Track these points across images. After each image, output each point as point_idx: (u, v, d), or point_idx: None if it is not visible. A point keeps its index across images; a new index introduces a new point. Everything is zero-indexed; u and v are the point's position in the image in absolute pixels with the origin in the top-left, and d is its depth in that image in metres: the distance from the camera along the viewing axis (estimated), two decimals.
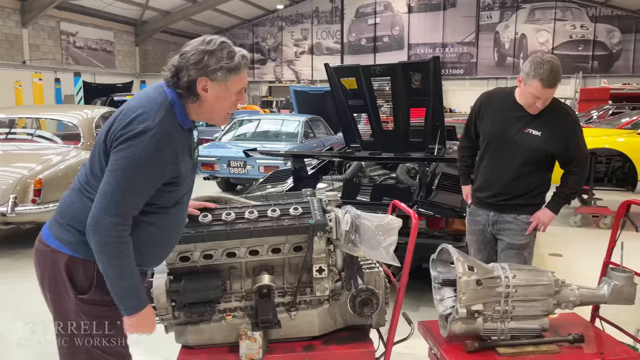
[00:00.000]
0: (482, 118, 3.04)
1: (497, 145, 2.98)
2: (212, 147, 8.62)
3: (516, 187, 2.94)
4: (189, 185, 1.97)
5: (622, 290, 2.60)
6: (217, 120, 1.94)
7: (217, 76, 1.79)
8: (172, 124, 1.78)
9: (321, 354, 2.39)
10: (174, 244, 2.09)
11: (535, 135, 2.85)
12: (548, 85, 2.77)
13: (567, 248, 5.61)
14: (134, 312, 1.84)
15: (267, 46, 29.08)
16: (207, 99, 1.82)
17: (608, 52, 24.10)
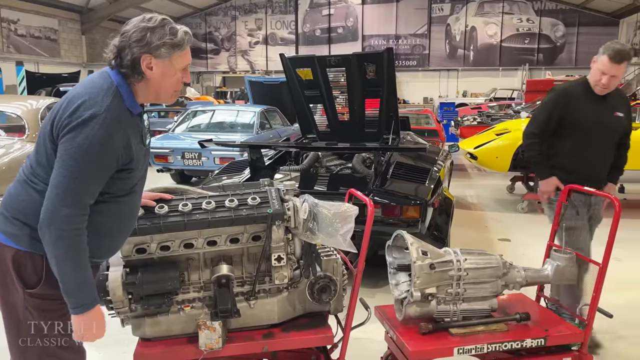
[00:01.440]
0: (569, 111, 3.15)
1: (599, 134, 3.15)
2: (166, 139, 8.45)
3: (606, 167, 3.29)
4: (142, 172, 1.94)
5: (564, 270, 2.75)
6: (164, 99, 1.91)
7: (160, 53, 1.77)
8: (120, 109, 1.74)
9: (280, 341, 2.42)
10: (128, 234, 2.06)
11: (621, 116, 3.15)
12: (615, 61, 2.93)
13: (515, 233, 5.86)
14: (85, 310, 1.78)
15: (220, 36, 28.58)
16: (153, 77, 1.79)
17: (552, 45, 25.06)
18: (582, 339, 2.64)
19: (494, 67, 25.41)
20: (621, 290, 4.05)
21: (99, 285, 2.25)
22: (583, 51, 24.60)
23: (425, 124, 9.82)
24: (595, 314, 2.63)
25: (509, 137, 7.01)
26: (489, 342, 2.51)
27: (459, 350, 2.48)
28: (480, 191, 8.49)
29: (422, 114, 10.42)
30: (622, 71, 2.99)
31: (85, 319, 1.79)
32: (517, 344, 2.53)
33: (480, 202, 7.72)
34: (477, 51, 25.76)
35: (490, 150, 6.93)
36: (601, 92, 3.07)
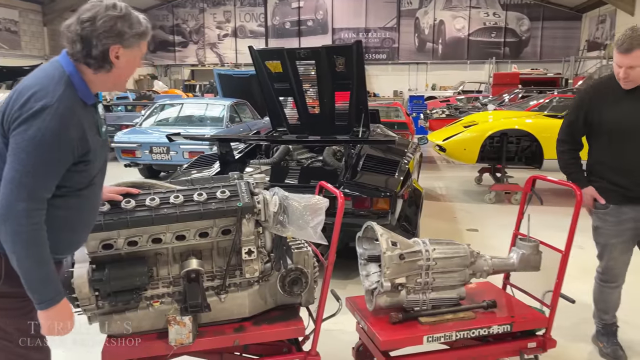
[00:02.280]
0: (597, 111, 2.83)
1: (627, 135, 2.78)
2: (133, 133, 8.29)
3: None
4: (101, 164, 1.89)
5: (529, 258, 2.83)
6: (120, 87, 1.89)
7: (130, 42, 1.74)
8: (73, 99, 1.69)
9: (252, 334, 2.42)
10: (90, 228, 2.01)
11: None
12: (621, 50, 2.63)
13: (483, 223, 5.98)
14: (51, 305, 1.74)
15: (188, 28, 28.12)
16: (118, 67, 1.75)
17: (518, 39, 25.58)
18: (547, 324, 2.72)
19: (462, 60, 25.79)
20: (584, 277, 4.17)
21: (64, 282, 2.20)
22: (547, 45, 25.22)
23: (395, 116, 9.90)
24: (558, 300, 2.71)
25: (477, 130, 7.13)
26: (457, 329, 2.56)
27: (429, 338, 2.53)
28: (449, 183, 8.62)
29: (392, 107, 10.50)
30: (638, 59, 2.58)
31: (52, 314, 1.75)
32: (484, 330, 2.60)
33: (449, 193, 7.85)
34: (446, 45, 26.08)
35: (458, 143, 7.04)
36: (626, 87, 2.73)
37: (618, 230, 2.80)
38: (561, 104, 10.90)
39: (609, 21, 20.96)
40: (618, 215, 2.79)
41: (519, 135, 7.06)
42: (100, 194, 2.01)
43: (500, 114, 9.23)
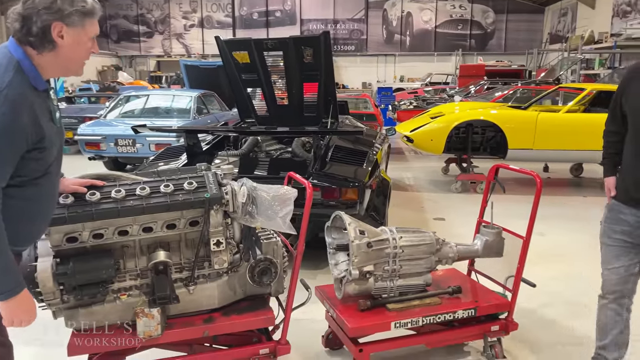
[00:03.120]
0: (630, 94, 2.44)
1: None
2: (97, 125, 8.10)
3: None
4: (56, 152, 1.83)
5: (492, 244, 2.92)
6: (74, 70, 1.82)
7: (73, 20, 1.69)
8: (24, 85, 1.65)
9: (222, 325, 2.43)
10: (48, 218, 1.95)
11: None
12: None
13: (449, 212, 6.10)
14: (11, 296, 1.70)
15: (153, 18, 27.48)
16: (64, 46, 1.70)
17: (483, 32, 25.98)
18: (509, 308, 2.82)
19: (429, 52, 26.06)
20: (544, 263, 4.33)
21: (28, 276, 2.15)
22: (511, 37, 25.72)
23: (363, 108, 9.96)
24: (520, 285, 2.80)
25: (443, 121, 7.25)
26: (423, 315, 2.63)
27: (396, 324, 2.59)
28: (416, 173, 8.75)
29: (361, 99, 10.55)
30: None
31: (12, 305, 1.72)
32: (450, 315, 2.67)
33: (417, 183, 7.97)
34: (413, 37, 26.29)
35: (426, 134, 7.14)
36: None
37: (612, 230, 2.51)
38: (525, 95, 11.19)
39: (570, 14, 21.53)
40: (617, 213, 2.49)
41: (484, 126, 7.21)
42: (57, 184, 1.95)
43: (466, 105, 9.40)
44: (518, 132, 6.88)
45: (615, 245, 2.50)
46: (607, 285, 2.56)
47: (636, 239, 2.44)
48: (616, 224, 2.49)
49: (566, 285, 3.98)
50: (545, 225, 5.09)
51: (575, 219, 5.82)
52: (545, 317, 3.48)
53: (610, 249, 2.52)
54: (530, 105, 7.40)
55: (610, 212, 2.54)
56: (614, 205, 2.51)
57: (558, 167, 8.52)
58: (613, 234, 2.50)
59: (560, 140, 6.86)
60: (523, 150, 6.88)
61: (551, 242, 4.98)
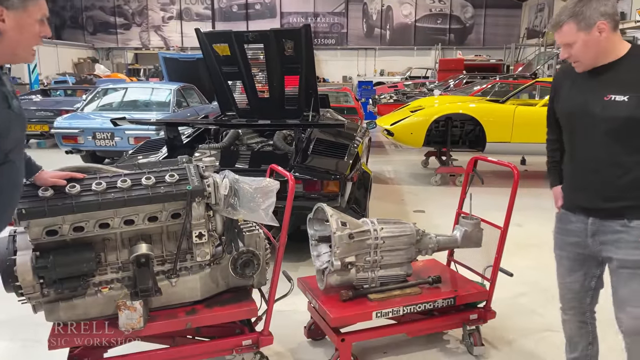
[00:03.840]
0: (558, 97, 2.29)
1: (580, 126, 2.17)
2: (74, 118, 7.96)
3: (620, 179, 2.07)
4: (16, 140, 1.80)
5: (471, 235, 2.98)
6: (23, 56, 1.77)
7: (12, 3, 1.66)
8: None
9: (204, 316, 2.44)
10: (12, 209, 1.91)
11: (620, 101, 2.02)
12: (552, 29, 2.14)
13: (429, 205, 6.18)
14: None
15: (130, 10, 27.04)
16: (8, 30, 1.67)
17: (462, 26, 26.24)
18: (487, 297, 2.88)
19: (409, 46, 26.20)
20: (522, 253, 4.43)
21: (7, 270, 2.14)
22: (490, 32, 26.02)
23: (344, 102, 9.99)
24: (497, 274, 2.87)
25: (423, 114, 7.32)
26: (404, 304, 2.68)
27: (378, 314, 2.63)
28: (397, 166, 8.82)
29: (341, 92, 10.58)
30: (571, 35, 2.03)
31: None
32: (430, 304, 2.72)
33: (397, 176, 8.04)
34: (393, 30, 26.40)
35: (405, 127, 7.20)
36: (578, 69, 2.14)
37: (563, 242, 2.33)
38: (503, 89, 11.35)
39: (547, 9, 21.85)
40: (565, 223, 2.31)
41: (463, 120, 7.30)
42: (21, 172, 1.90)
43: (446, 98, 9.49)
44: (496, 125, 6.99)
45: (568, 258, 2.31)
46: (564, 300, 2.41)
47: (587, 249, 2.22)
48: (566, 234, 2.30)
49: (542, 274, 4.05)
50: (523, 216, 5.19)
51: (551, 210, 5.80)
52: (522, 305, 3.56)
53: (564, 262, 2.34)
54: (508, 99, 7.51)
55: (560, 221, 2.36)
56: (562, 214, 2.34)
57: (535, 159, 8.67)
58: (565, 246, 2.32)
59: (537, 133, 6.97)
60: (501, 143, 6.99)
61: (528, 232, 5.08)
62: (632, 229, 2.05)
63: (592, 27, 1.99)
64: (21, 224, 2.12)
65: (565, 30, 2.03)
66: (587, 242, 2.21)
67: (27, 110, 9.94)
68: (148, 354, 2.46)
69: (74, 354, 2.36)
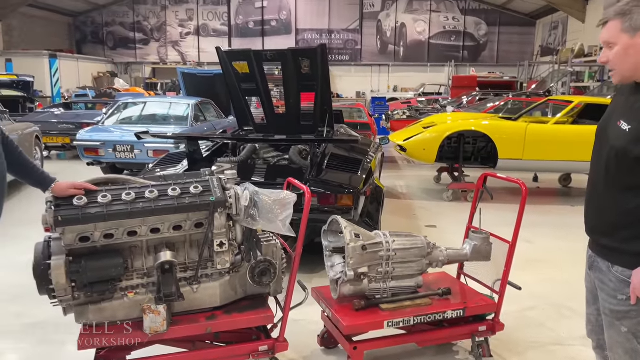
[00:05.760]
0: None
1: (594, 146, 2.01)
2: (95, 131, 8.20)
3: (614, 211, 1.89)
4: None
5: (480, 249, 3.07)
6: None
7: None
8: None
9: (224, 322, 2.56)
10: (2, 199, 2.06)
11: (622, 130, 1.83)
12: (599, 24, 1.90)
13: (441, 220, 6.26)
14: None
15: (149, 25, 27.65)
16: None
17: (476, 43, 26.40)
18: (496, 309, 2.97)
19: (423, 63, 26.39)
20: (531, 269, 4.49)
21: (42, 274, 2.28)
22: (504, 49, 26.15)
23: (358, 117, 10.14)
24: (506, 287, 2.95)
25: (435, 130, 7.43)
26: (415, 315, 2.77)
27: (389, 323, 2.73)
28: (409, 182, 8.91)
29: (355, 108, 10.73)
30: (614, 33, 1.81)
31: None
32: (440, 315, 2.81)
33: (410, 191, 8.13)
34: (407, 47, 26.64)
35: (418, 143, 7.31)
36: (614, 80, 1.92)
37: (586, 271, 2.13)
38: (516, 106, 11.42)
39: (561, 28, 21.94)
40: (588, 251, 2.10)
41: (476, 136, 7.39)
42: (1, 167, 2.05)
43: (459, 115, 9.60)
44: (508, 142, 7.07)
45: (586, 288, 2.15)
46: (586, 330, 2.20)
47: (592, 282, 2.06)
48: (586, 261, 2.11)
49: (552, 290, 4.13)
50: (533, 233, 5.26)
51: (562, 227, 5.99)
52: (531, 319, 3.62)
53: (586, 292, 2.16)
54: (521, 117, 7.59)
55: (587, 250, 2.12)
56: None
57: (547, 177, 8.72)
58: (585, 274, 2.13)
59: (549, 150, 7.05)
60: (513, 160, 7.06)
61: (538, 249, 5.14)
62: (612, 274, 1.90)
63: (638, 31, 1.76)
64: (57, 230, 2.27)
65: (609, 26, 1.82)
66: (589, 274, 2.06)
67: (50, 123, 10.27)
68: (170, 357, 2.58)
69: (100, 355, 2.49)
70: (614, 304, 1.90)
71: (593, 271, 2.02)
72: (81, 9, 26.69)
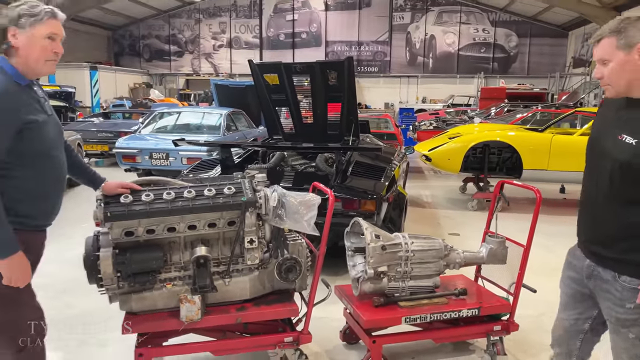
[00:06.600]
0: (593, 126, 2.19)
1: (589, 159, 2.10)
2: (133, 139, 8.62)
3: (613, 223, 1.97)
4: (52, 138, 2.21)
5: (496, 252, 3.21)
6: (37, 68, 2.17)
7: (21, 23, 2.10)
8: (7, 82, 2.07)
9: (252, 313, 2.77)
10: (58, 198, 2.31)
11: (628, 143, 1.88)
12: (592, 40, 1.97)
13: (464, 228, 6.36)
14: (5, 256, 2.04)
15: (184, 38, 28.55)
16: (19, 46, 2.11)
17: (506, 55, 26.28)
18: (510, 309, 3.10)
19: (452, 74, 26.40)
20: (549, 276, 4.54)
21: (92, 264, 2.55)
22: (534, 61, 25.94)
23: (384, 128, 10.32)
24: (520, 289, 3.08)
25: (460, 141, 7.55)
26: (431, 312, 2.93)
27: (406, 319, 2.90)
28: (434, 191, 9.02)
29: (382, 119, 10.92)
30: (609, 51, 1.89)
31: (8, 263, 2.05)
32: (455, 314, 2.97)
33: (434, 201, 8.24)
34: (436, 59, 26.70)
35: (443, 153, 7.45)
36: (608, 93, 1.99)
37: (565, 275, 2.25)
38: (544, 118, 11.41)
39: None
40: (572, 256, 2.24)
41: (501, 147, 7.48)
42: (62, 168, 2.31)
43: (485, 126, 9.68)
44: (533, 153, 7.13)
45: (565, 293, 2.24)
46: (552, 336, 2.33)
47: (585, 288, 2.12)
48: (569, 268, 2.22)
49: None
50: (555, 242, 5.32)
51: None
52: (546, 323, 3.68)
53: (562, 297, 2.26)
54: (547, 128, 7.64)
55: (568, 254, 2.27)
56: (573, 247, 2.25)
57: (574, 188, 8.69)
58: (565, 279, 2.24)
59: (574, 161, 7.06)
60: (538, 170, 7.12)
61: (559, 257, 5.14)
62: (619, 284, 1.95)
63: (633, 47, 1.83)
64: (105, 224, 2.53)
65: (603, 44, 1.90)
66: (584, 282, 2.12)
67: (90, 131, 10.79)
68: (202, 344, 2.81)
69: (141, 340, 2.73)
70: (620, 312, 1.95)
71: (592, 280, 2.07)
72: (120, 23, 27.77)
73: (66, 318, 3.62)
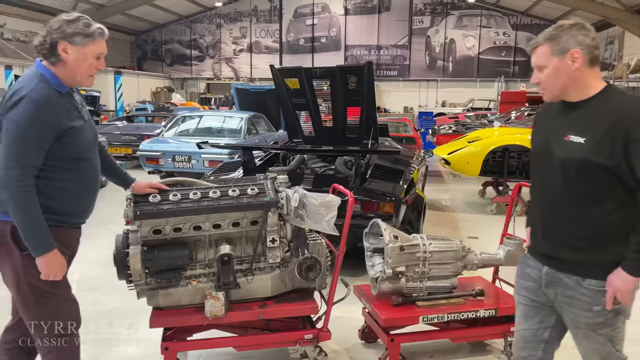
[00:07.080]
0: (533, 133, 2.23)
1: (540, 164, 2.09)
2: (156, 142, 8.81)
3: (573, 228, 1.96)
4: (89, 142, 2.33)
5: (514, 254, 3.24)
6: (81, 81, 2.30)
7: (74, 40, 2.20)
8: (48, 89, 2.18)
9: (274, 310, 2.86)
10: (93, 197, 2.42)
11: (577, 143, 1.90)
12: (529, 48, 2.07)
13: (483, 232, 6.37)
14: (43, 253, 2.16)
15: (205, 43, 28.95)
16: (68, 60, 2.21)
17: (527, 58, 25.92)
18: None
19: (472, 78, 26.25)
20: None
21: (122, 261, 2.67)
22: None
23: (403, 131, 10.35)
24: None
25: (480, 144, 7.55)
26: (448, 312, 2.99)
27: (424, 318, 2.96)
28: (454, 195, 9.03)
29: (401, 122, 10.95)
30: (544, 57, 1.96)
31: (45, 259, 2.17)
32: (472, 314, 3.01)
33: (454, 204, 8.25)
34: (456, 62, 26.58)
35: (462, 157, 7.46)
36: (545, 98, 2.06)
37: (520, 286, 2.23)
38: None
39: (617, 43, 21.36)
40: (524, 266, 2.21)
41: (521, 151, 7.46)
42: (98, 167, 2.43)
43: (505, 130, 9.63)
44: None
45: (523, 304, 2.20)
46: (515, 349, 2.29)
47: (541, 297, 2.11)
48: (523, 278, 2.19)
49: None
50: None
51: None
52: None
53: (519, 307, 2.23)
54: None
55: (521, 263, 2.24)
56: (526, 256, 2.23)
57: None
58: (521, 290, 2.21)
59: None
60: None
61: None
62: (584, 288, 1.95)
63: (566, 53, 1.91)
64: (135, 222, 2.65)
65: (539, 52, 1.96)
66: (542, 291, 2.10)
67: (114, 134, 11.05)
68: (225, 339, 2.91)
69: (167, 335, 2.84)
70: (589, 316, 1.96)
71: (552, 287, 2.05)
72: (143, 28, 28.29)
73: (91, 316, 3.75)
